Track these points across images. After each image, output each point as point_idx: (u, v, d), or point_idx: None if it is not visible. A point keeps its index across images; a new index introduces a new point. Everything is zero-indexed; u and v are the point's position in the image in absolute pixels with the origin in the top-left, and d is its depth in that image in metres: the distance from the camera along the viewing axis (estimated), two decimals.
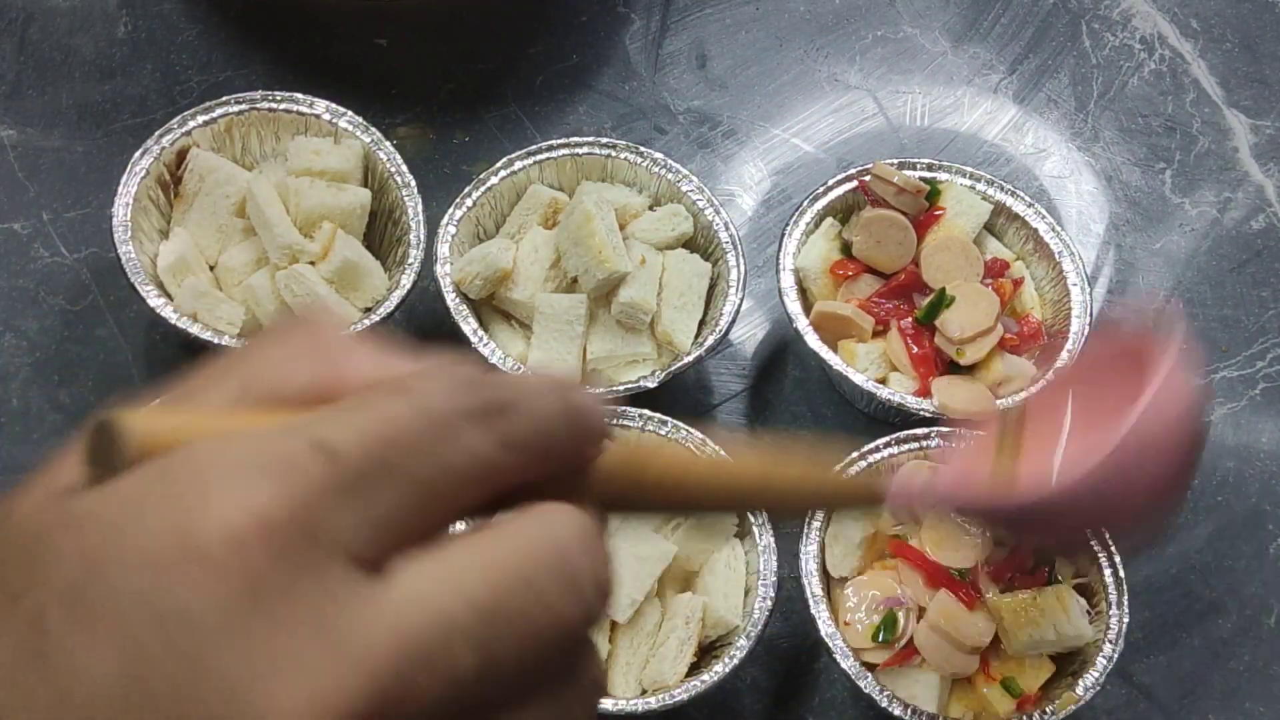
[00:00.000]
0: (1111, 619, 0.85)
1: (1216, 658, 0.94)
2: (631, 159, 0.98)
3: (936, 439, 0.91)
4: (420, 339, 1.00)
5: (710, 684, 0.81)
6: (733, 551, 0.86)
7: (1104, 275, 1.08)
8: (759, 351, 1.03)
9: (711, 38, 1.16)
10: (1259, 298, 1.08)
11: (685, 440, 0.89)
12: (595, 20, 1.15)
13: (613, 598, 0.34)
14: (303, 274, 0.89)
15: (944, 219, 0.98)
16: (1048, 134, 1.14)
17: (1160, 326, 0.61)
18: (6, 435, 0.92)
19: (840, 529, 0.87)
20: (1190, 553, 0.97)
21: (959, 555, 0.85)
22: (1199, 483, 1.00)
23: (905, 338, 0.94)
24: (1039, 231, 0.99)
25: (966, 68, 1.17)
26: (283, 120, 0.97)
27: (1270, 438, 1.02)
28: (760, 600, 0.84)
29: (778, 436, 0.99)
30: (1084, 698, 0.82)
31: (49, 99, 1.06)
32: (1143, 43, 1.19)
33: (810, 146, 1.12)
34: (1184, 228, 1.10)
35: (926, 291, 0.96)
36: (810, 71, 1.15)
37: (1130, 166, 1.13)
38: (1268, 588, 0.96)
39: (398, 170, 0.96)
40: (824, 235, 0.98)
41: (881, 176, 0.97)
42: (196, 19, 1.11)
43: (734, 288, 0.94)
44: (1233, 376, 1.04)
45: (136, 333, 0.97)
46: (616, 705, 0.80)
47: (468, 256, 0.93)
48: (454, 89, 1.10)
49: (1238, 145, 1.14)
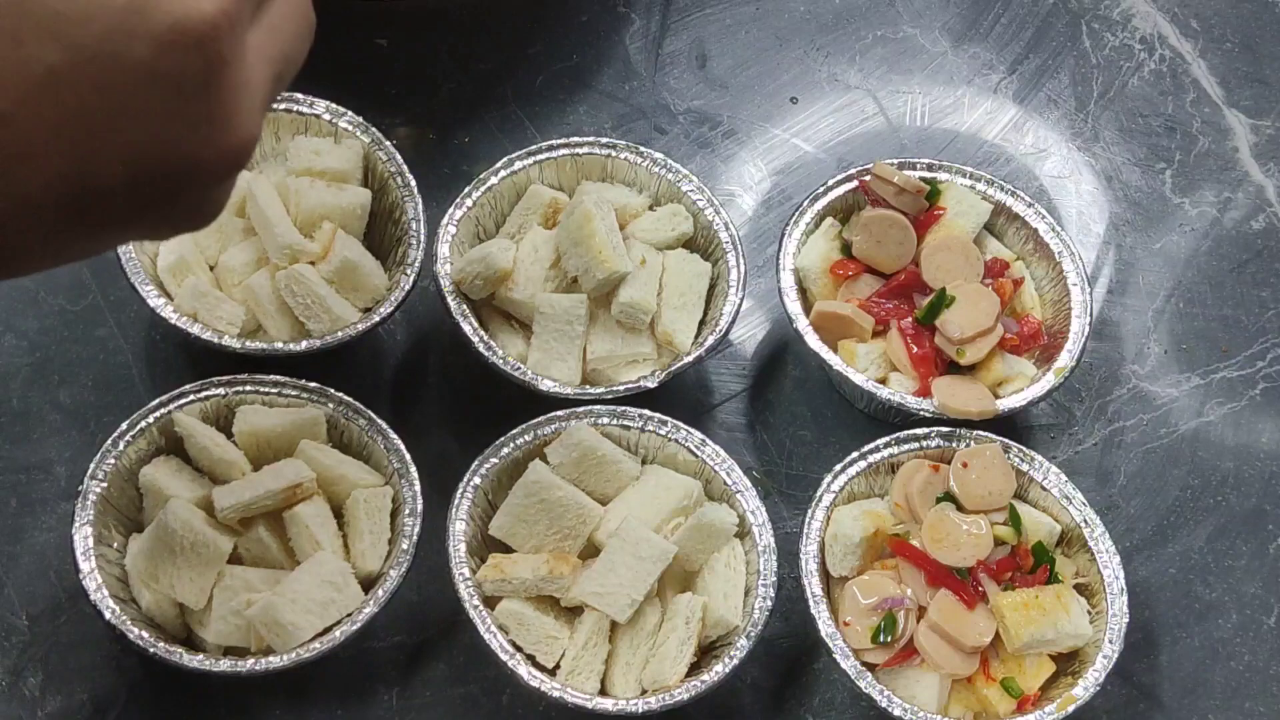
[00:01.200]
0: (1111, 619, 0.85)
1: (1216, 658, 0.94)
2: (631, 159, 0.98)
3: (936, 439, 0.91)
4: (420, 339, 1.00)
5: (710, 684, 0.81)
6: (733, 551, 0.86)
7: (1104, 275, 1.08)
8: (759, 351, 1.03)
9: (711, 38, 1.16)
10: (1259, 298, 1.08)
11: (685, 440, 0.89)
12: (595, 20, 1.15)
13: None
14: (303, 274, 0.89)
15: (944, 219, 0.98)
16: (1048, 134, 1.14)
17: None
18: (6, 435, 0.92)
19: (840, 529, 0.87)
20: (1190, 553, 0.97)
21: (959, 555, 0.85)
22: (1198, 482, 1.00)
23: (905, 338, 0.94)
24: (1039, 231, 0.99)
25: (966, 68, 1.17)
26: (283, 120, 0.97)
27: (1270, 438, 1.02)
28: (760, 600, 0.84)
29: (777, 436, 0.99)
30: (1084, 698, 0.83)
31: None
32: (1143, 43, 1.19)
33: (810, 146, 1.12)
34: (1184, 228, 1.11)
35: (926, 291, 0.96)
36: (810, 71, 1.15)
37: (1130, 166, 1.13)
38: (1268, 588, 0.96)
39: (398, 170, 0.96)
40: (824, 235, 0.98)
41: (881, 176, 0.97)
42: None
43: (734, 288, 0.94)
44: (1233, 376, 1.04)
45: (136, 333, 0.97)
46: (616, 705, 0.81)
47: (468, 256, 0.93)
48: (454, 89, 1.10)
49: (1238, 145, 1.14)
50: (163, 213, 0.47)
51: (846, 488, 0.89)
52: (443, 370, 0.99)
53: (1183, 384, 1.04)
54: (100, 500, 0.83)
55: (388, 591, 0.82)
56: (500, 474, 0.87)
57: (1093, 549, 0.88)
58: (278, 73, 0.49)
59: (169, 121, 0.44)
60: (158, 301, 0.89)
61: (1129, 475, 1.00)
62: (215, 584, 0.81)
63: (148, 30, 0.42)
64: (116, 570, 0.83)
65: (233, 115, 0.45)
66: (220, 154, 0.46)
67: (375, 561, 0.84)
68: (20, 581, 0.88)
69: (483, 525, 0.87)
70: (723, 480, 0.88)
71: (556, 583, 0.83)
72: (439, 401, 0.97)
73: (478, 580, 0.83)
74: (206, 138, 0.45)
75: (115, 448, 0.84)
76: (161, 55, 0.42)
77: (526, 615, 0.83)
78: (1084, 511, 0.89)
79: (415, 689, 0.88)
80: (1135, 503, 0.99)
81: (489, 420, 0.91)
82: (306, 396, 0.88)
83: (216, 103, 0.44)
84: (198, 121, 0.44)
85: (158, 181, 0.45)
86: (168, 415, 0.86)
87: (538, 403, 0.89)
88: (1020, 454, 0.91)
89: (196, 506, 0.82)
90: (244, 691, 0.86)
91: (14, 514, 0.90)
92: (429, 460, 0.88)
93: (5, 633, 0.86)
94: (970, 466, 0.89)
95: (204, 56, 0.43)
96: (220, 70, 0.44)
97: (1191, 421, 1.02)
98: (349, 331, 0.90)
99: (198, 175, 0.46)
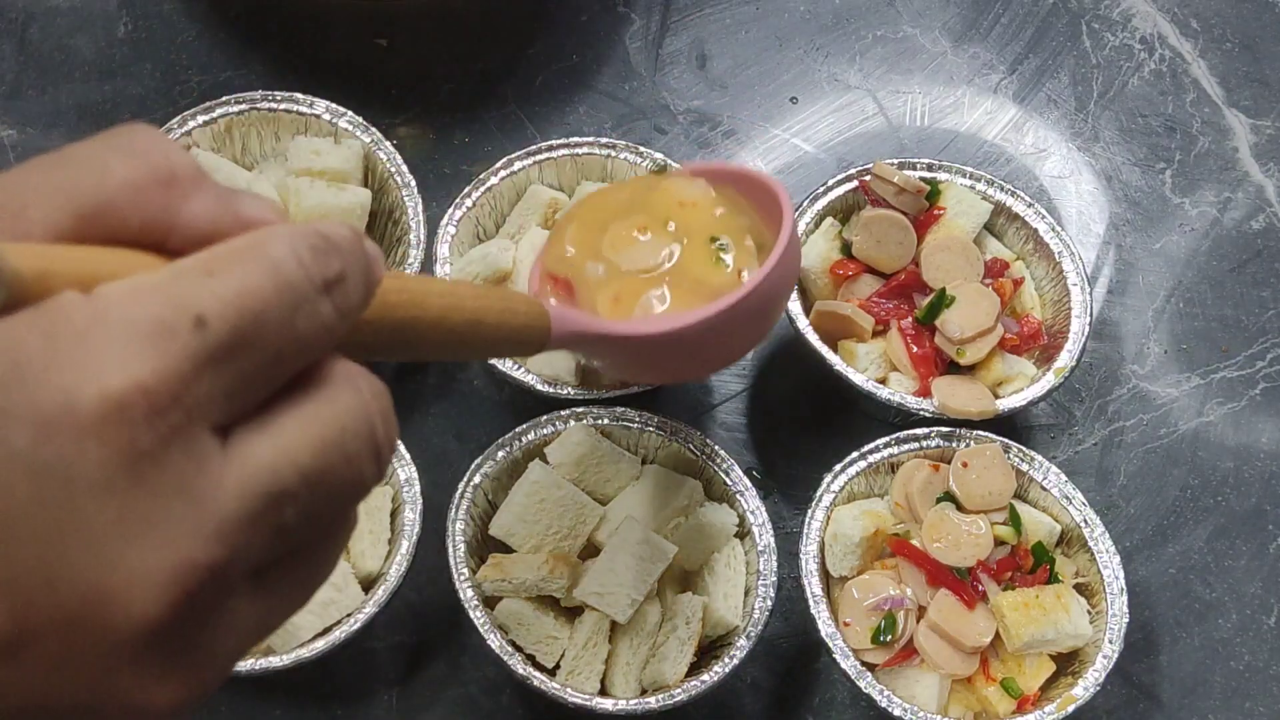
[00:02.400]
0: (1111, 619, 0.85)
1: (1216, 658, 0.94)
2: (631, 159, 0.98)
3: (936, 439, 0.91)
4: None
5: (710, 684, 0.81)
6: (733, 551, 0.86)
7: (1104, 275, 1.08)
8: (759, 351, 1.03)
9: (711, 38, 1.16)
10: (1259, 298, 1.08)
11: (685, 440, 0.89)
12: (595, 20, 1.15)
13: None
14: None
15: (944, 219, 0.98)
16: (1048, 134, 1.14)
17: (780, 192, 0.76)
18: None
19: (840, 529, 0.87)
20: (1190, 553, 0.97)
21: (959, 555, 0.85)
22: (1198, 482, 1.00)
23: (905, 338, 0.94)
24: (1039, 231, 0.99)
25: (966, 68, 1.17)
26: (283, 120, 0.97)
27: (1270, 438, 1.02)
28: (760, 600, 0.84)
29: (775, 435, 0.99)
30: (1084, 698, 0.83)
31: (49, 99, 1.06)
32: (1143, 43, 1.19)
33: (810, 146, 1.12)
34: (1184, 228, 1.11)
35: (926, 291, 0.96)
36: (810, 71, 1.15)
37: (1130, 166, 1.13)
38: (1268, 588, 0.96)
39: (398, 170, 0.96)
40: (824, 235, 0.98)
41: (882, 176, 0.97)
42: (196, 19, 1.11)
43: None
44: (1233, 376, 1.04)
45: None
46: (616, 705, 0.81)
47: (468, 256, 0.93)
48: (454, 89, 1.10)
49: (1238, 145, 1.14)
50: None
51: (846, 488, 0.89)
52: (443, 370, 0.99)
53: (1183, 384, 1.04)
54: None
55: (388, 591, 0.82)
56: (500, 474, 0.87)
57: (1093, 549, 0.88)
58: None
59: (58, 539, 0.31)
60: None
61: (1129, 475, 1.00)
62: None
63: (27, 406, 0.30)
64: None
65: (162, 527, 0.32)
66: (148, 616, 0.32)
67: (375, 561, 0.84)
68: None
69: (483, 525, 0.87)
70: (723, 480, 0.88)
71: (556, 583, 0.83)
72: (439, 401, 0.97)
73: (478, 580, 0.83)
74: (118, 571, 0.31)
75: None
76: (41, 443, 0.30)
77: (526, 615, 0.83)
78: (1084, 511, 0.89)
79: (415, 689, 0.88)
80: (1135, 503, 0.99)
81: (489, 420, 0.91)
82: None
83: (131, 511, 0.31)
84: (101, 539, 0.31)
85: (50, 635, 0.31)
86: None
87: (538, 403, 0.89)
88: (1020, 454, 0.91)
89: None
90: (244, 691, 0.86)
91: None
92: (429, 460, 0.88)
93: None
94: (970, 466, 0.89)
95: (109, 445, 0.31)
96: (138, 466, 0.31)
97: (1191, 421, 1.02)
98: None
99: (110, 624, 0.32)
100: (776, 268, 0.73)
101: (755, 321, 0.77)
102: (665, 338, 0.71)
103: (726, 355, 0.82)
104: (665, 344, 0.72)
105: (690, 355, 0.75)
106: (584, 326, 0.69)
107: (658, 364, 0.78)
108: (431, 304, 0.48)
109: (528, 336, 0.61)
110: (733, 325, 0.73)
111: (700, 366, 0.85)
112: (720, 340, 0.75)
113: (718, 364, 0.90)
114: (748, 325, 0.76)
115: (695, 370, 0.88)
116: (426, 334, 0.48)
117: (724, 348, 0.79)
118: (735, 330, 0.75)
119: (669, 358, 0.75)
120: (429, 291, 0.48)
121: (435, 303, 0.48)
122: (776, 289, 0.76)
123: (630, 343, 0.72)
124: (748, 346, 0.90)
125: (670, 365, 0.79)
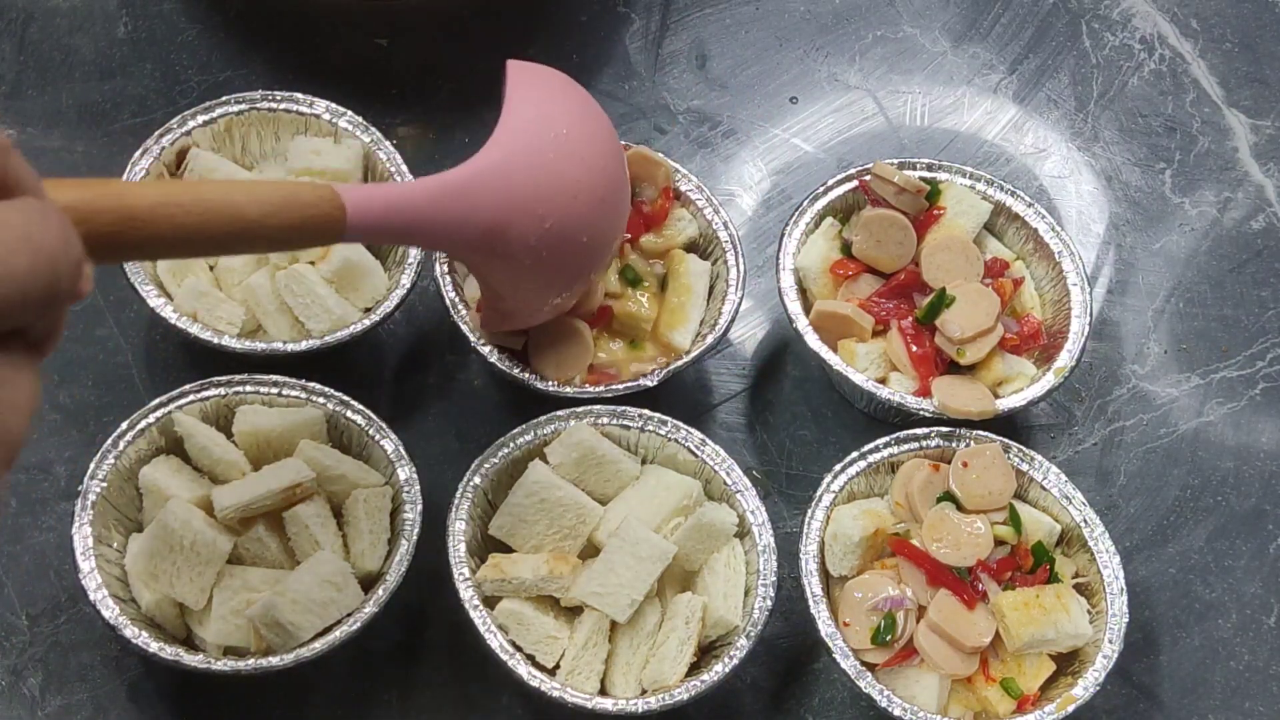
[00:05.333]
0: (1111, 619, 0.85)
1: (1216, 658, 0.94)
2: None
3: (936, 439, 0.91)
4: (420, 339, 1.00)
5: (710, 684, 0.81)
6: (733, 551, 0.86)
7: (1104, 275, 1.08)
8: (759, 351, 1.03)
9: (711, 38, 1.16)
10: (1259, 298, 1.08)
11: (685, 440, 0.89)
12: (595, 20, 1.15)
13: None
14: (303, 274, 0.89)
15: (944, 219, 0.98)
16: (1048, 134, 1.14)
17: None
18: None
19: (840, 528, 0.87)
20: (1190, 553, 0.97)
21: (959, 555, 0.85)
22: (1198, 482, 1.00)
23: (905, 338, 0.94)
24: (1039, 231, 0.99)
25: (966, 68, 1.17)
26: (283, 120, 0.97)
27: (1270, 438, 1.02)
28: (760, 600, 0.84)
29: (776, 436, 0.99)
30: (1084, 698, 0.83)
31: (49, 99, 1.06)
32: (1143, 43, 1.19)
33: (810, 146, 1.12)
34: (1184, 228, 1.11)
35: (926, 291, 0.96)
36: (810, 71, 1.15)
37: (1130, 166, 1.13)
38: (1268, 588, 0.96)
39: (398, 170, 0.96)
40: (824, 235, 0.98)
41: (882, 176, 0.97)
42: (196, 19, 1.11)
43: (734, 287, 0.94)
44: (1233, 376, 1.04)
45: (136, 333, 0.97)
46: (616, 705, 0.80)
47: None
48: (454, 89, 1.10)
49: (1238, 145, 1.14)
50: None
51: (846, 487, 0.89)
52: (443, 370, 0.99)
53: (1183, 384, 1.04)
54: (100, 500, 0.83)
55: (388, 591, 0.82)
56: (500, 474, 0.87)
57: (1093, 549, 0.88)
58: None
59: None
60: (158, 301, 0.89)
61: (1129, 475, 1.00)
62: (215, 584, 0.81)
63: None
64: (116, 570, 0.83)
65: None
66: None
67: (375, 561, 0.84)
68: (20, 581, 0.88)
69: (483, 525, 0.87)
70: (723, 480, 0.88)
71: (556, 583, 0.83)
72: (439, 401, 0.97)
73: (478, 580, 0.83)
74: None
75: (115, 448, 0.84)
76: None
77: (526, 615, 0.83)
78: (1084, 511, 0.89)
79: (415, 689, 0.88)
80: (1135, 503, 0.99)
81: (489, 420, 0.91)
82: (306, 396, 0.88)
83: None
84: None
85: None
86: (168, 415, 0.86)
87: (538, 402, 0.89)
88: (1020, 454, 0.91)
89: (196, 506, 0.82)
90: (244, 691, 0.86)
91: (14, 514, 0.90)
92: (429, 460, 0.88)
93: (5, 633, 0.86)
94: (970, 466, 0.89)
95: None
96: None
97: (1191, 421, 1.02)
98: (349, 331, 0.90)
99: None
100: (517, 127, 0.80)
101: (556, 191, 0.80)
102: (459, 180, 0.77)
103: (561, 249, 0.82)
104: (469, 193, 0.77)
105: (518, 240, 0.79)
106: (388, 200, 0.73)
107: (511, 265, 0.81)
108: (190, 205, 0.58)
109: (318, 225, 0.66)
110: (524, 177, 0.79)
111: (549, 268, 0.84)
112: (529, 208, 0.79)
113: (564, 269, 0.86)
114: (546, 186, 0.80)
115: (556, 276, 0.86)
116: (194, 233, 0.57)
117: (536, 222, 0.80)
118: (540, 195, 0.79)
119: (508, 247, 0.79)
120: (196, 195, 0.58)
121: (195, 205, 0.58)
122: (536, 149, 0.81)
123: (442, 214, 0.76)
124: (586, 243, 0.85)
125: (519, 266, 0.81)
